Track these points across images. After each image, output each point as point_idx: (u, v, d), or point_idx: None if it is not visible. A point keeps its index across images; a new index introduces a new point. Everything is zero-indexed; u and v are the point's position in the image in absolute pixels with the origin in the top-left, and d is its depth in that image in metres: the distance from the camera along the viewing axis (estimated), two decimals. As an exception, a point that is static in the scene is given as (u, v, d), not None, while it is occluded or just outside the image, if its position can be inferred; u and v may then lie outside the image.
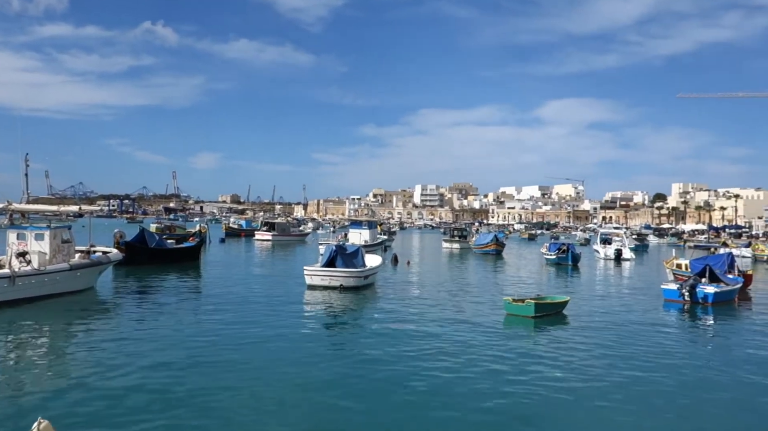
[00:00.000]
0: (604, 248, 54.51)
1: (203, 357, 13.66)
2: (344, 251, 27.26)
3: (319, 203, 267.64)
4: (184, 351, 14.19)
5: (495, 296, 25.87)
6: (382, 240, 60.75)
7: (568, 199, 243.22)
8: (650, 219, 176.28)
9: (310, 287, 25.81)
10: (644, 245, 77.43)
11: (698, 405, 11.49)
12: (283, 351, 14.66)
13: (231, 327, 17.29)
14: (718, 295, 24.36)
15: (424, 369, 13.19)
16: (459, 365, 13.69)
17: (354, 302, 22.94)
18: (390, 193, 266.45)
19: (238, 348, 14.70)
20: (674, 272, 32.71)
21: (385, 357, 14.26)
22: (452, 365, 13.68)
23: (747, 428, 10.33)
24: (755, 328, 20.29)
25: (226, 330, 16.75)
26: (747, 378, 13.47)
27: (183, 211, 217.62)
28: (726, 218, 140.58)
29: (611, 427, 10.19)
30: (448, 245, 64.83)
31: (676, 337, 18.43)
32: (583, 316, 21.29)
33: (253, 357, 13.87)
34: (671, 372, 13.74)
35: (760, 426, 10.40)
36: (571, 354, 15.29)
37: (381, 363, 13.62)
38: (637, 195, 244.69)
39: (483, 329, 18.20)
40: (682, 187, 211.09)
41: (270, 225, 74.96)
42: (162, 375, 12.11)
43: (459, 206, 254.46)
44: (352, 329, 18.29)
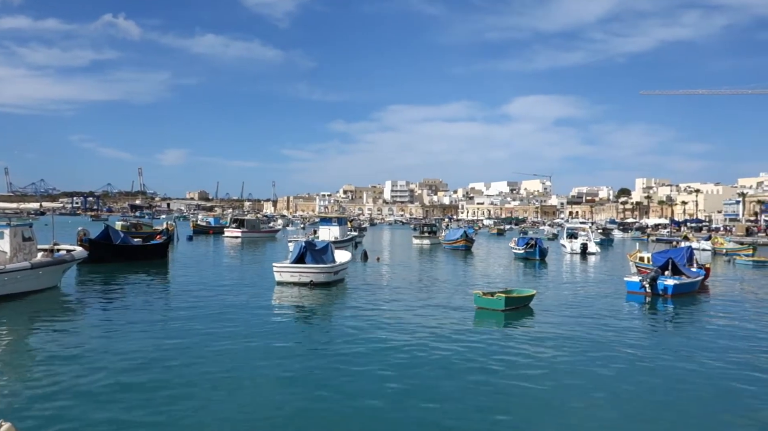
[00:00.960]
0: (570, 242, 55.50)
1: (170, 355, 13.52)
2: (314, 247, 27.26)
3: (289, 199, 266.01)
4: (150, 349, 14.04)
5: (465, 290, 26.19)
6: (352, 236, 60.77)
7: (536, 194, 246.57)
8: (615, 214, 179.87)
9: (280, 284, 25.74)
10: (609, 239, 79.14)
11: (655, 390, 11.88)
12: (253, 347, 14.61)
13: (199, 324, 17.15)
14: (678, 287, 25.07)
15: (395, 364, 13.31)
16: (431, 358, 13.85)
17: (324, 298, 22.98)
18: (360, 189, 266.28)
19: (206, 345, 14.58)
20: (637, 265, 33.56)
21: (355, 351, 14.36)
22: (424, 359, 13.84)
23: (703, 410, 10.72)
24: (711, 318, 21.00)
25: (194, 328, 16.61)
26: (701, 364, 13.95)
27: (149, 208, 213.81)
28: (687, 213, 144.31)
29: (581, 415, 10.48)
30: (418, 241, 65.20)
31: (636, 327, 18.97)
32: (551, 309, 21.73)
33: (222, 354, 13.80)
34: (631, 360, 14.18)
35: (715, 409, 10.81)
36: (539, 345, 15.64)
37: (351, 358, 13.71)
38: (602, 190, 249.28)
39: (454, 323, 18.41)
40: (645, 182, 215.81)
41: (239, 222, 74.34)
42: (127, 375, 11.97)
43: (429, 202, 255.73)
44: (322, 324, 18.35)
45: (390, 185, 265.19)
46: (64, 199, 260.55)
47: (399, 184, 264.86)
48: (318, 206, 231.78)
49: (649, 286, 24.86)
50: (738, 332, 18.31)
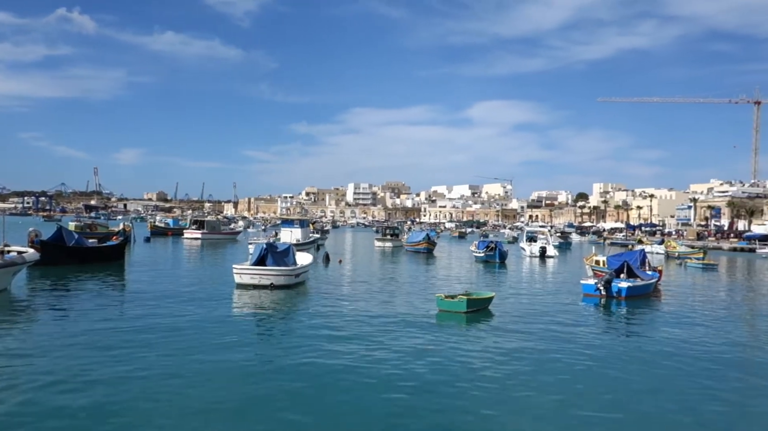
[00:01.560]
0: (529, 245, 56.45)
1: (124, 362, 13.09)
2: (274, 249, 27.06)
3: (251, 201, 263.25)
4: (103, 355, 13.63)
5: (427, 293, 26.40)
6: (314, 239, 60.49)
7: (497, 198, 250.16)
8: (573, 218, 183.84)
9: (240, 286, 25.46)
10: (567, 242, 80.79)
11: (604, 390, 12.23)
12: (212, 351, 14.42)
13: (156, 328, 16.79)
14: (632, 289, 25.80)
15: (357, 367, 13.30)
16: (393, 361, 13.86)
17: (285, 301, 22.83)
18: (323, 191, 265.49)
19: (164, 350, 14.26)
20: (593, 268, 34.40)
21: (317, 354, 14.29)
22: (386, 361, 13.86)
23: (650, 409, 11.09)
24: (660, 320, 21.73)
25: (150, 332, 16.24)
26: (649, 364, 14.44)
27: (105, 209, 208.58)
28: (642, 217, 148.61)
29: (537, 414, 10.71)
30: (381, 244, 65.32)
31: (590, 329, 19.42)
32: (510, 310, 22.11)
33: (180, 359, 13.53)
34: (583, 360, 14.54)
35: (663, 408, 11.19)
36: (499, 346, 15.91)
37: (313, 361, 13.64)
38: (561, 195, 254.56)
39: (416, 325, 18.51)
40: (602, 187, 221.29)
41: (199, 223, 73.13)
42: (79, 382, 11.54)
43: (392, 204, 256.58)
44: (283, 327, 18.22)
45: (353, 188, 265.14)
46: (14, 199, 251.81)
47: (362, 186, 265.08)
48: (280, 208, 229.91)
49: (604, 288, 25.52)
50: (686, 333, 18.94)
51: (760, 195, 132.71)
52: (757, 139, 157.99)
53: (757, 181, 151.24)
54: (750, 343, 18.43)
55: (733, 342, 17.97)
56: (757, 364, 15.57)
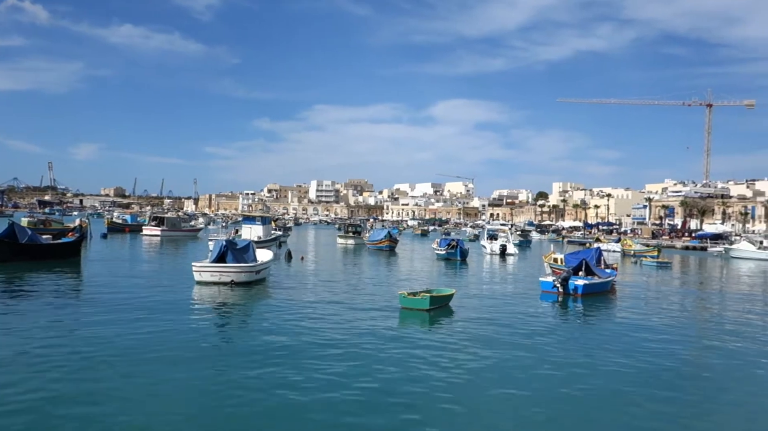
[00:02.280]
0: (490, 243, 57.21)
1: (78, 362, 12.71)
2: (234, 246, 26.79)
3: (211, 197, 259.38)
4: (57, 356, 13.27)
5: (389, 290, 26.54)
6: (276, 236, 60.02)
7: (459, 196, 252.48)
8: (533, 216, 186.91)
9: (200, 284, 25.12)
10: (527, 240, 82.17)
11: (558, 383, 12.58)
12: (170, 350, 14.15)
13: (112, 327, 16.41)
14: (588, 287, 26.45)
15: (319, 366, 13.27)
16: (357, 359, 13.89)
17: (245, 298, 22.64)
18: (285, 188, 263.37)
19: (120, 350, 13.93)
20: (551, 265, 35.12)
21: (277, 352, 14.21)
22: (350, 359, 13.88)
23: (602, 404, 11.45)
24: (614, 316, 22.42)
25: (106, 331, 15.86)
26: (601, 360, 14.88)
27: (60, 204, 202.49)
28: (600, 216, 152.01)
29: (496, 408, 10.95)
30: (343, 241, 65.26)
31: (547, 325, 19.88)
32: (471, 307, 22.45)
33: (137, 358, 13.28)
34: (539, 355, 14.91)
35: (613, 402, 11.56)
36: (462, 342, 16.18)
37: (273, 359, 13.57)
38: (522, 193, 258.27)
39: (379, 323, 18.59)
40: (561, 186, 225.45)
41: (159, 220, 71.76)
42: (31, 385, 11.17)
43: (354, 202, 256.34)
44: (244, 324, 18.10)
45: (315, 185, 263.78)
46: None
47: (325, 184, 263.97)
48: (241, 205, 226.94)
49: (561, 286, 26.10)
50: (639, 329, 19.56)
51: (712, 195, 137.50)
52: (709, 140, 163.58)
53: (708, 181, 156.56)
54: (700, 337, 19.16)
55: (685, 336, 18.66)
56: (708, 358, 16.20)
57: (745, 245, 67.18)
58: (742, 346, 17.31)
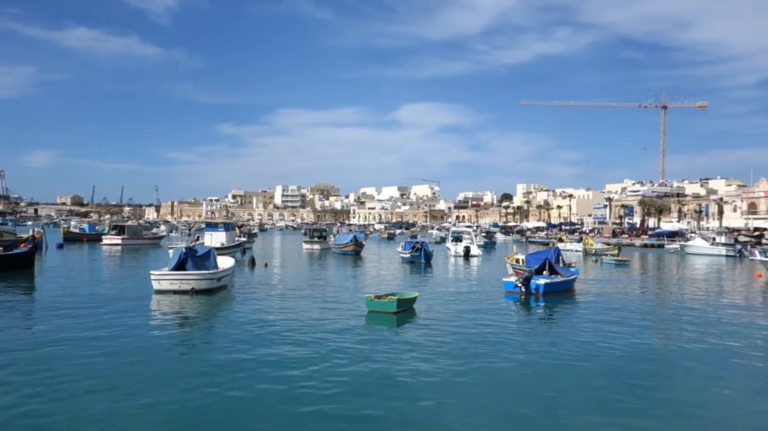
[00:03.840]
0: (455, 245, 57.65)
1: (24, 387, 11.87)
2: (194, 253, 26.33)
3: (174, 204, 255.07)
4: (10, 372, 12.85)
5: (354, 294, 26.46)
6: (240, 242, 59.25)
7: (425, 199, 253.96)
8: (498, 218, 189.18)
9: (159, 293, 24.59)
10: (492, 242, 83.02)
11: (520, 381, 12.73)
12: (128, 362, 13.77)
13: (69, 340, 15.87)
14: (549, 286, 26.85)
15: (286, 373, 13.08)
16: (325, 366, 13.70)
17: (207, 306, 22.25)
18: (250, 194, 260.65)
19: (77, 364, 13.45)
20: (513, 266, 35.55)
21: (241, 361, 13.95)
22: (317, 366, 13.69)
23: (561, 400, 11.58)
24: (574, 314, 22.76)
25: (62, 345, 15.34)
26: (558, 356, 15.12)
27: (13, 214, 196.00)
28: (562, 216, 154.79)
29: (461, 406, 10.98)
30: (309, 246, 64.92)
31: (510, 323, 20.14)
32: (436, 309, 22.58)
33: (95, 372, 12.84)
34: (502, 354, 15.08)
35: (573, 398, 11.71)
36: (429, 344, 16.30)
37: (237, 368, 13.31)
38: (486, 195, 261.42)
39: (346, 328, 18.46)
40: (525, 187, 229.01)
41: (119, 229, 70.17)
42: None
43: (321, 206, 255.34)
44: (205, 333, 17.76)
45: (281, 190, 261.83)
46: None
47: (290, 188, 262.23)
48: (205, 212, 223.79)
49: (523, 285, 26.44)
50: (597, 325, 19.89)
51: (668, 194, 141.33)
52: (665, 141, 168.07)
53: (665, 181, 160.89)
54: (658, 333, 19.62)
55: (643, 332, 19.05)
56: (666, 353, 16.58)
57: (699, 241, 69.18)
58: (699, 337, 17.82)
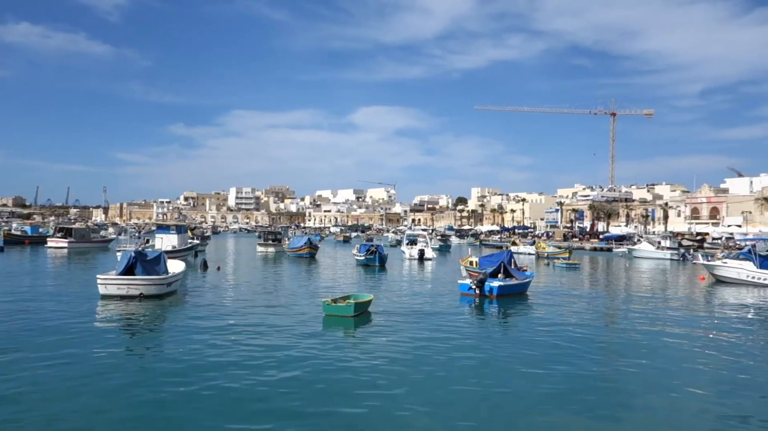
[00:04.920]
0: (409, 248, 57.95)
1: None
2: (144, 257, 25.54)
3: (123, 206, 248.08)
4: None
5: (309, 298, 26.23)
6: (192, 245, 58.00)
7: (381, 202, 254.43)
8: (454, 221, 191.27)
9: (105, 298, 23.76)
10: (447, 245, 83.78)
11: (470, 382, 12.82)
12: (69, 373, 13.17)
13: (1, 350, 15.18)
14: (503, 288, 27.20)
15: (240, 382, 12.73)
16: (283, 373, 13.43)
17: (156, 312, 21.60)
18: (203, 196, 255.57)
19: (10, 377, 12.75)
20: (467, 268, 35.91)
21: (191, 370, 13.49)
22: (275, 373, 13.41)
23: (510, 400, 11.70)
24: (526, 315, 23.19)
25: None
26: (511, 356, 15.34)
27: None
28: (516, 220, 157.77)
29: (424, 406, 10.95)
30: (263, 249, 64.16)
31: (465, 325, 20.39)
32: (393, 311, 22.63)
33: (30, 386, 12.15)
34: (455, 355, 15.19)
35: (519, 397, 11.86)
36: (388, 347, 16.33)
37: (187, 377, 12.87)
38: (442, 199, 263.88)
39: (303, 332, 18.17)
40: (480, 191, 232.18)
41: (66, 231, 67.63)
42: None
43: (276, 209, 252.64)
44: (154, 340, 17.25)
45: (235, 192, 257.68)
46: None
47: (244, 191, 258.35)
48: (156, 214, 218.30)
49: (477, 288, 26.72)
50: (549, 328, 20.24)
51: (617, 199, 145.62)
52: (614, 147, 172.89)
53: (613, 186, 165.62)
54: (608, 334, 20.12)
55: (594, 334, 19.49)
56: (614, 350, 17.00)
57: (646, 245, 71.49)
58: (645, 337, 18.41)
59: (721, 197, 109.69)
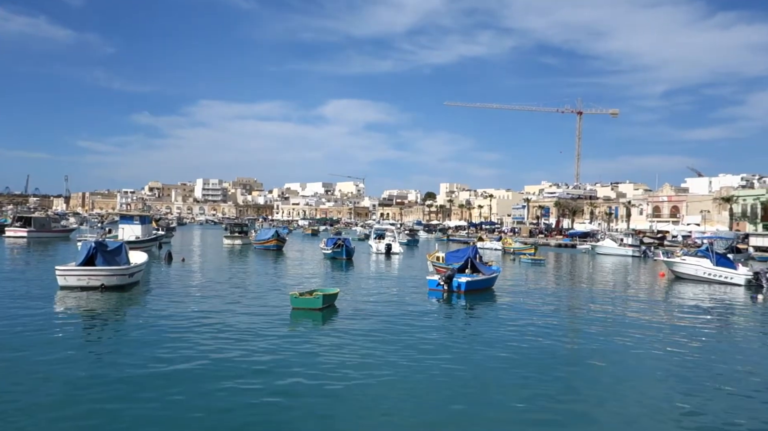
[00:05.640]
0: (377, 243, 58.04)
1: None
2: (105, 247, 24.99)
3: (85, 195, 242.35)
4: None
5: (276, 291, 26.09)
6: (157, 236, 57.02)
7: (350, 196, 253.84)
8: (422, 216, 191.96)
9: (64, 289, 23.17)
10: (415, 239, 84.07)
11: (438, 375, 12.92)
12: (27, 367, 12.81)
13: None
14: (471, 284, 27.44)
15: (204, 375, 12.57)
16: (251, 368, 13.27)
17: (117, 304, 21.17)
18: (168, 186, 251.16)
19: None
20: (434, 264, 36.11)
21: (153, 362, 13.28)
22: (243, 368, 13.25)
23: (479, 393, 11.82)
24: (493, 310, 23.45)
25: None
26: (479, 352, 15.51)
27: None
28: (483, 216, 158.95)
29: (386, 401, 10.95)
30: (230, 242, 63.56)
31: (434, 321, 20.46)
32: (360, 306, 22.64)
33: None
34: (424, 349, 15.26)
35: (488, 389, 11.99)
36: (358, 340, 16.46)
37: (149, 371, 12.64)
38: (411, 193, 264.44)
39: (270, 325, 18.07)
40: (448, 187, 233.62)
41: (25, 220, 65.93)
42: None
43: (243, 201, 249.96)
44: (114, 333, 16.88)
45: (201, 183, 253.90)
46: None
47: (211, 182, 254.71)
48: (119, 204, 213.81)
49: (446, 284, 26.90)
50: (516, 323, 20.52)
51: (582, 197, 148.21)
52: (579, 145, 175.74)
53: (579, 184, 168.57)
54: (572, 328, 20.48)
55: (558, 327, 19.82)
56: (578, 346, 17.30)
57: (609, 242, 72.89)
58: (607, 331, 18.81)
59: (682, 196, 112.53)
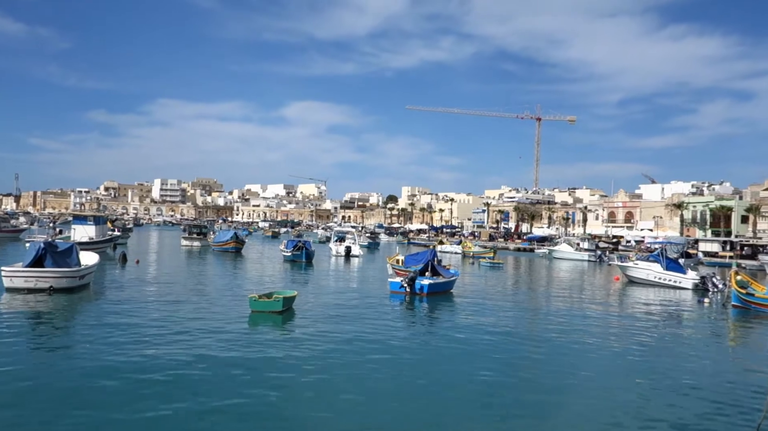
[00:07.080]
0: (337, 245, 57.90)
1: None
2: (54, 248, 24.15)
3: (36, 194, 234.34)
4: None
5: (234, 293, 25.69)
6: (111, 237, 55.48)
7: (312, 198, 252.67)
8: (384, 219, 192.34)
9: (11, 291, 22.28)
10: (376, 242, 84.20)
11: (400, 375, 12.92)
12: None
13: None
14: (433, 286, 27.63)
15: (160, 381, 12.16)
16: (204, 371, 13.01)
17: (66, 307, 20.45)
18: (125, 186, 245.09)
19: None
20: (394, 266, 36.16)
21: (104, 368, 12.78)
22: (196, 370, 12.97)
23: (438, 389, 11.85)
24: (454, 312, 23.67)
25: None
26: (439, 349, 15.60)
27: None
28: (444, 219, 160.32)
29: (348, 404, 10.85)
30: (188, 243, 62.45)
31: (395, 322, 20.56)
32: (319, 309, 22.51)
33: None
34: (386, 350, 15.28)
35: (451, 390, 12.03)
36: (319, 341, 16.52)
37: (99, 378, 12.19)
38: (373, 196, 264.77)
39: (228, 329, 17.74)
40: (410, 190, 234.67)
41: (-30, 220, 63.25)
42: None
43: (202, 202, 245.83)
44: (63, 337, 16.34)
45: (159, 184, 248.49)
46: None
47: (170, 182, 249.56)
48: (73, 203, 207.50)
49: (408, 286, 27.00)
50: (474, 322, 20.76)
51: (540, 201, 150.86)
52: (538, 151, 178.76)
53: (537, 189, 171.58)
54: (529, 329, 20.77)
55: (516, 328, 20.09)
56: (534, 344, 17.53)
57: (565, 246, 74.35)
58: (564, 331, 19.23)
59: (636, 202, 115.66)
